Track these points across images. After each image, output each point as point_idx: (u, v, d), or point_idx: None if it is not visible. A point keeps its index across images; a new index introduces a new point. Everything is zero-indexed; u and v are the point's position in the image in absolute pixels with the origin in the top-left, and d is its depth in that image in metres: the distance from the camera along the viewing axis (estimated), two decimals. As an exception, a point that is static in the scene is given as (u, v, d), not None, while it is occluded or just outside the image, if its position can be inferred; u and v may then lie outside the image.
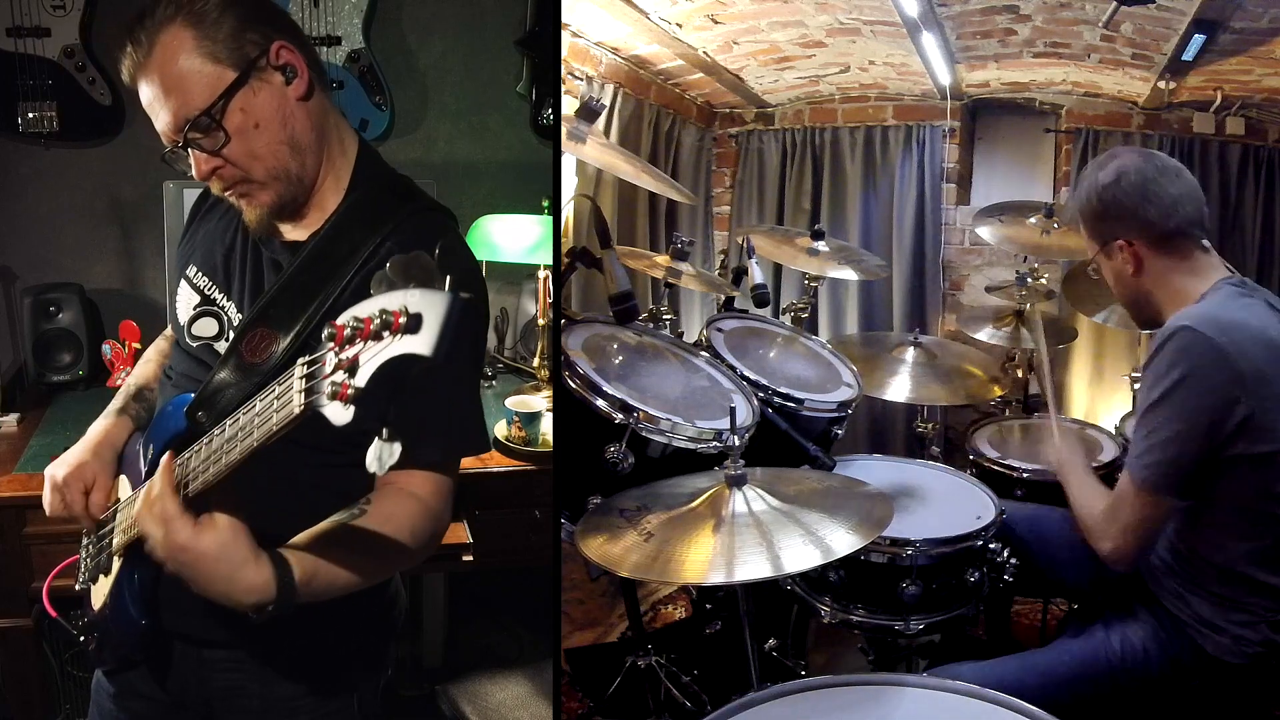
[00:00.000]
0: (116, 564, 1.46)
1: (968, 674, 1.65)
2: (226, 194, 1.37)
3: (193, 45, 1.28)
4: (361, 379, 0.88)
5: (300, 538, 1.26)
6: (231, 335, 1.40)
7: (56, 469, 1.49)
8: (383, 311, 0.88)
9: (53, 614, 1.59)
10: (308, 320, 1.33)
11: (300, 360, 0.94)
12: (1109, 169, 1.68)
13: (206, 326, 1.46)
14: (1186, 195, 1.64)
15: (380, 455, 0.93)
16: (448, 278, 0.91)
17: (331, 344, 0.90)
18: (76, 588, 1.56)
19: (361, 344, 0.88)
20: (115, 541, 1.45)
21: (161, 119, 1.31)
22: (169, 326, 1.63)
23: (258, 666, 1.47)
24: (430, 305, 0.87)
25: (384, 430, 0.93)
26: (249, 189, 1.36)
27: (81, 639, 1.53)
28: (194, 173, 1.34)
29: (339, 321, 0.90)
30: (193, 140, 1.30)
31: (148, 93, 1.31)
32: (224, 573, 1.15)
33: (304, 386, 0.93)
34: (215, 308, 1.46)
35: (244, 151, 1.32)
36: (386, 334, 0.88)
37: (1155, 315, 1.69)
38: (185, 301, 1.50)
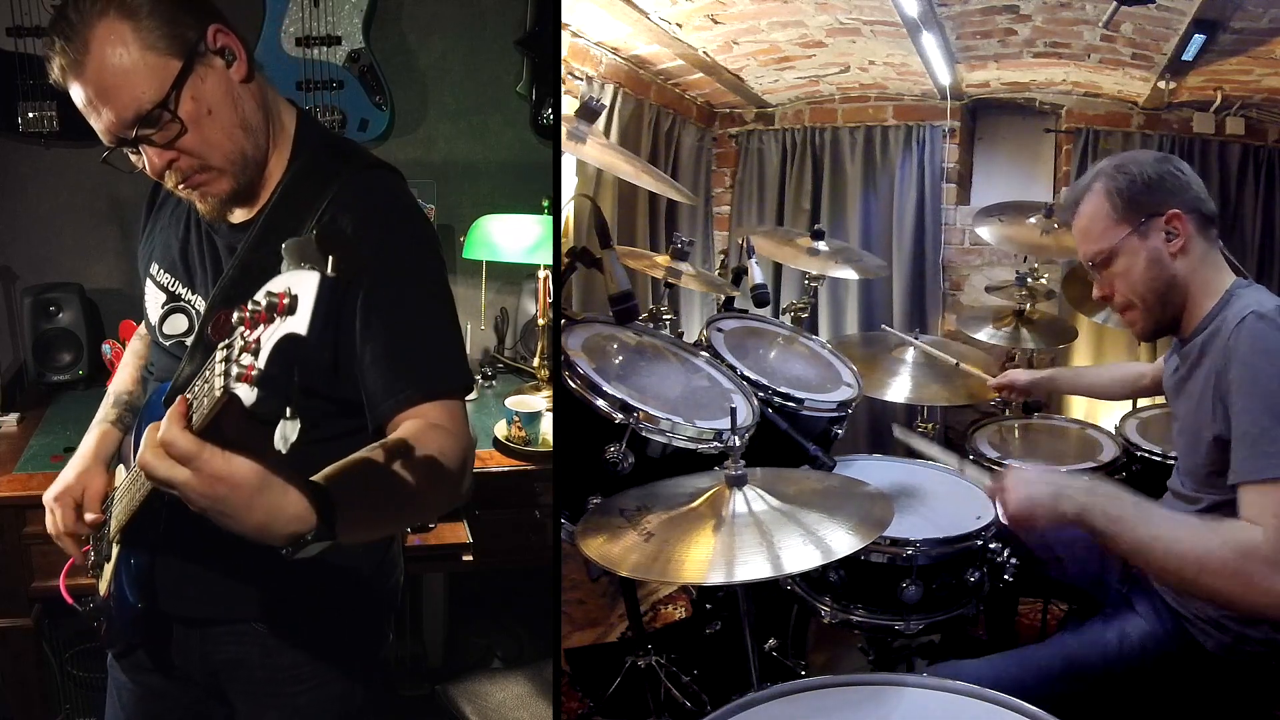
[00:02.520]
0: (115, 550, 1.49)
1: (968, 670, 1.65)
2: (181, 187, 1.34)
3: (131, 38, 1.24)
4: (261, 360, 0.90)
5: (327, 470, 1.16)
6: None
7: (48, 492, 1.52)
8: (268, 294, 0.91)
9: (69, 600, 1.61)
10: None
11: (220, 344, 0.95)
12: (1147, 152, 1.64)
13: (177, 324, 1.46)
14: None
15: (285, 433, 0.94)
16: (329, 257, 0.92)
17: (241, 327, 0.92)
18: (89, 574, 1.60)
19: (262, 327, 0.91)
20: (112, 526, 1.47)
21: (105, 118, 1.27)
22: (142, 324, 1.64)
23: (259, 639, 1.49)
24: (304, 286, 0.90)
25: (287, 409, 0.94)
26: (207, 178, 1.33)
27: (93, 623, 1.56)
28: (147, 170, 1.32)
29: (246, 306, 0.92)
30: (143, 136, 1.27)
31: (85, 93, 1.26)
32: (266, 501, 1.03)
33: (222, 370, 0.94)
34: (183, 303, 1.46)
35: (200, 140, 1.29)
36: (276, 316, 0.90)
37: (1176, 312, 1.65)
38: (154, 301, 1.50)
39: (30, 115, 2.55)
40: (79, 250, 2.83)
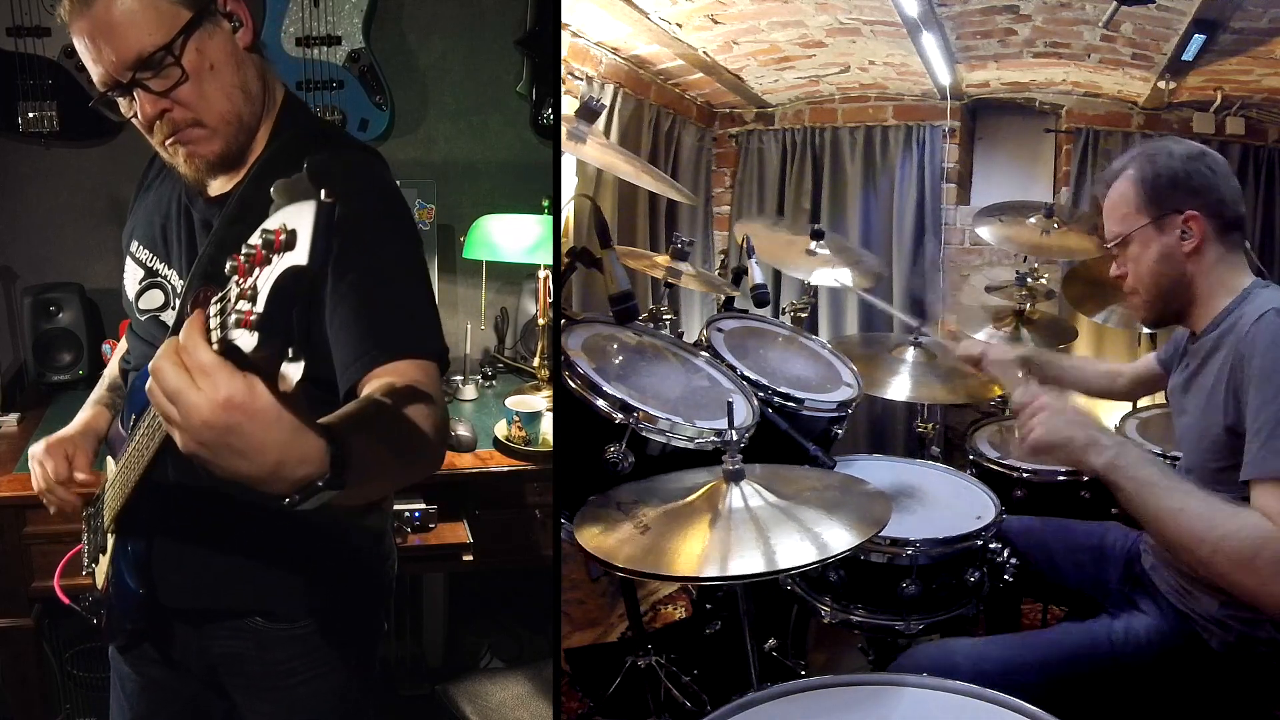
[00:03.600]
0: (111, 540, 1.49)
1: (966, 649, 1.65)
2: (169, 141, 1.33)
3: None
4: (260, 303, 0.87)
5: (325, 419, 1.04)
6: (176, 304, 1.41)
7: (37, 445, 1.53)
8: (264, 233, 0.88)
9: (64, 599, 1.63)
10: None
11: (213, 299, 0.93)
12: (1186, 143, 1.64)
13: (152, 298, 1.47)
14: (1240, 193, 1.64)
15: (287, 375, 0.92)
16: (321, 190, 0.89)
17: (235, 276, 0.90)
18: (84, 571, 1.61)
19: (258, 270, 0.89)
20: (106, 516, 1.48)
21: (106, 58, 1.27)
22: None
23: (254, 634, 1.50)
24: (300, 217, 0.88)
25: (289, 350, 0.91)
26: (198, 135, 1.33)
27: (93, 619, 1.57)
28: (138, 118, 1.31)
29: (239, 254, 0.90)
30: (141, 80, 1.27)
31: (89, 30, 1.26)
32: (282, 438, 0.92)
33: (218, 323, 0.91)
34: (159, 278, 1.47)
35: (198, 93, 1.30)
36: (273, 255, 0.88)
37: (1182, 308, 1.65)
38: (131, 277, 1.51)
39: (30, 115, 2.55)
40: (79, 250, 2.83)
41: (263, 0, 2.68)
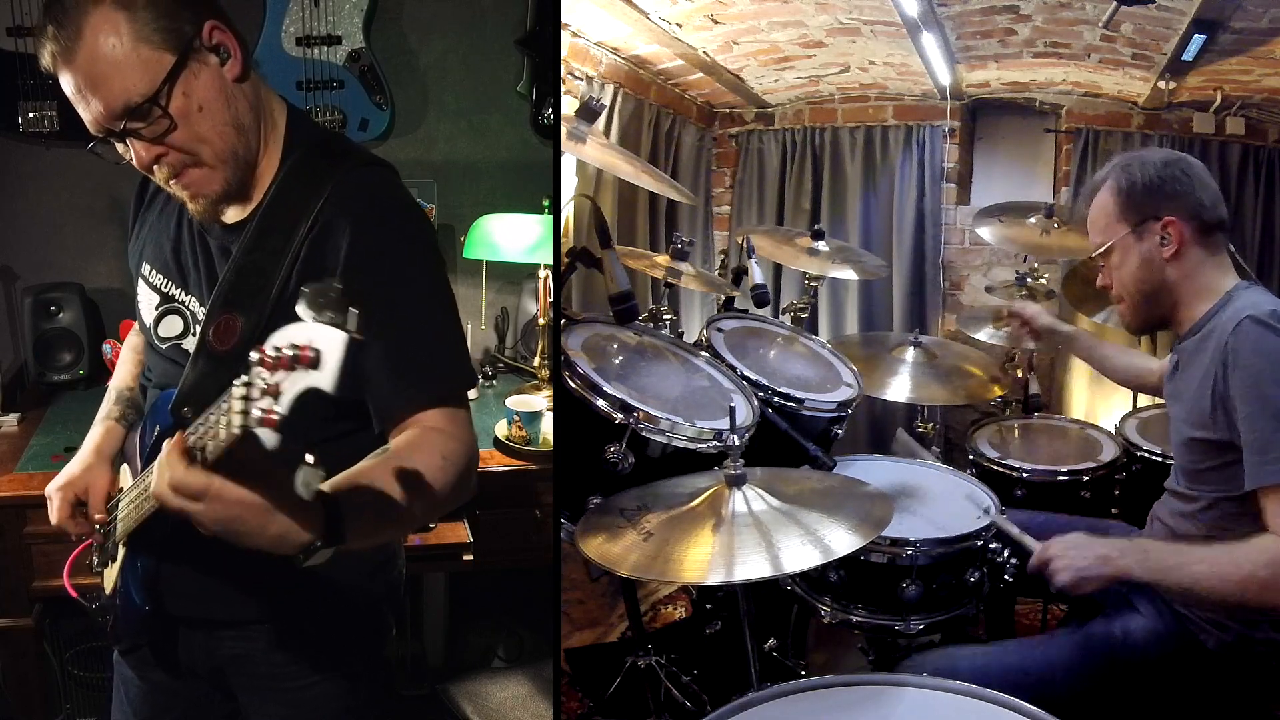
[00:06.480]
0: (122, 552, 1.49)
1: (968, 657, 1.66)
2: (172, 184, 1.32)
3: (126, 28, 1.21)
4: (283, 406, 0.93)
5: (334, 479, 1.17)
6: (197, 330, 1.40)
7: (52, 483, 1.53)
8: (293, 345, 0.93)
9: (74, 595, 1.62)
10: (265, 298, 1.32)
11: (236, 381, 0.96)
12: (1161, 152, 1.69)
13: (172, 325, 1.45)
14: (1221, 196, 1.67)
15: (306, 479, 0.96)
16: (350, 310, 0.95)
17: (260, 367, 0.94)
18: (93, 570, 1.60)
19: (283, 373, 0.93)
20: (119, 530, 1.48)
21: (94, 108, 1.25)
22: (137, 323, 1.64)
23: (263, 636, 1.50)
24: (329, 344, 0.94)
25: (307, 456, 0.95)
26: (197, 175, 1.31)
27: (99, 620, 1.57)
28: (134, 163, 1.30)
29: (265, 348, 0.94)
30: (132, 130, 1.26)
31: (75, 81, 1.24)
32: (279, 519, 1.05)
33: (241, 409, 0.95)
34: (177, 304, 1.45)
35: (190, 136, 1.28)
36: (298, 367, 0.93)
37: (1166, 313, 1.68)
38: (147, 302, 1.49)
39: (30, 115, 2.55)
40: (79, 250, 2.82)
41: (262, 2, 2.68)
